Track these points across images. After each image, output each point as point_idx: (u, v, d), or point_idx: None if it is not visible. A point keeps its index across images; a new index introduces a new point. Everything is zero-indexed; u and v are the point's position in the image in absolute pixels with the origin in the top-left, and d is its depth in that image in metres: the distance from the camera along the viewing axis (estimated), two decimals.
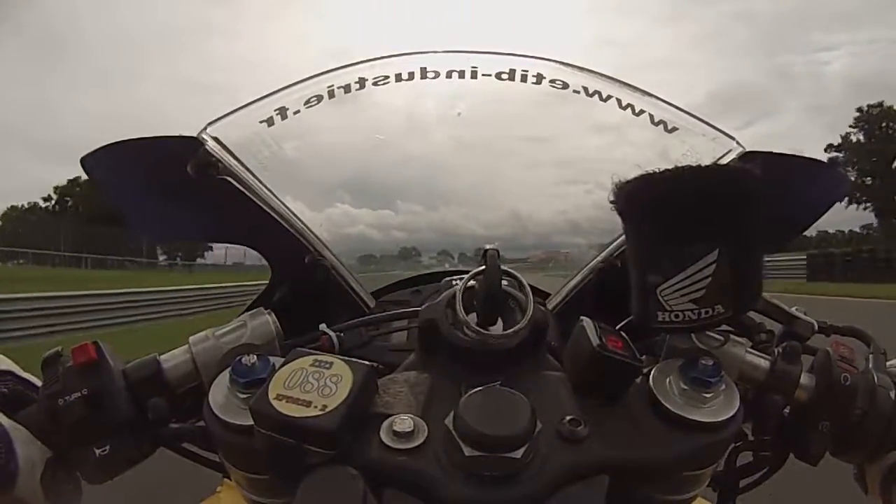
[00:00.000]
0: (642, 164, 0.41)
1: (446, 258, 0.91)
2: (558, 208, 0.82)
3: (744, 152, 0.60)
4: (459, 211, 0.85)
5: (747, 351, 0.47)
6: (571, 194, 0.80)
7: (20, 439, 0.41)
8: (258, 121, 0.61)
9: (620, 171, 0.41)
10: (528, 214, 0.83)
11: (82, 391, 0.42)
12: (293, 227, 0.62)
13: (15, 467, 0.40)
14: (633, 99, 0.63)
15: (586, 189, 0.76)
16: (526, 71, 0.64)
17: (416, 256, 0.91)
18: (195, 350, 0.47)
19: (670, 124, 0.63)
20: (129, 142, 0.56)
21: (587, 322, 0.42)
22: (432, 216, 0.85)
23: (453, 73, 0.64)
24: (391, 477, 0.35)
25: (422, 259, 0.91)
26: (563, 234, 0.84)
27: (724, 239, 0.38)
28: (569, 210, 0.81)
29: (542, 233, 0.85)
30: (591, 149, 0.77)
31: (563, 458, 0.36)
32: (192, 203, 0.61)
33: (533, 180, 0.81)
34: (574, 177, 0.79)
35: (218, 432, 0.39)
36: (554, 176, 0.81)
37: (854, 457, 0.48)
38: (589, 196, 0.75)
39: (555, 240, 0.86)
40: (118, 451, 0.43)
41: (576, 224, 0.81)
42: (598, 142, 0.74)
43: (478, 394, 0.36)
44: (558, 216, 0.82)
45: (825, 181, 0.61)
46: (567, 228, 0.82)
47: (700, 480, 0.41)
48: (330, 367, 0.37)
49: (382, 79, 0.63)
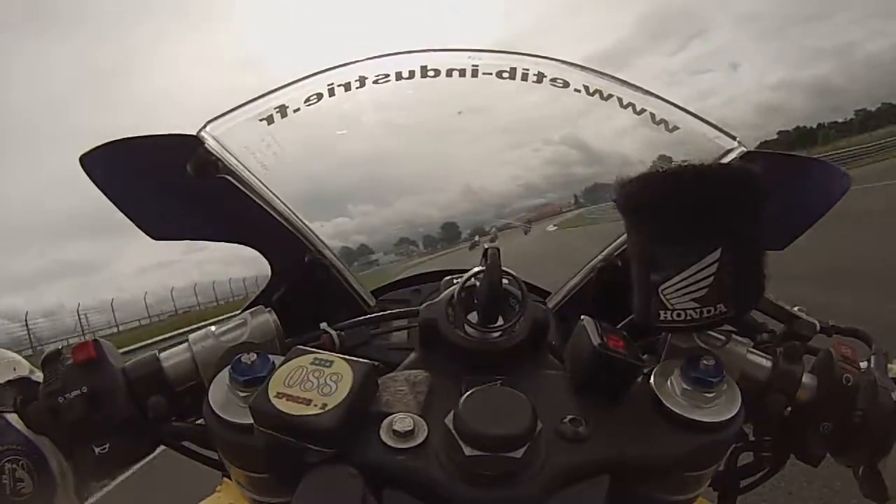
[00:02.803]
0: (643, 163, 0.41)
1: (406, 246, 0.92)
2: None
3: (745, 152, 0.60)
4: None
5: (749, 350, 0.47)
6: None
7: (49, 453, 0.42)
8: (258, 119, 0.60)
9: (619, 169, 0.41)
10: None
11: (82, 389, 0.43)
12: (293, 226, 0.62)
13: (53, 483, 0.41)
14: (634, 98, 0.63)
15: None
16: (527, 70, 0.64)
17: (368, 254, 0.91)
18: (195, 348, 0.47)
19: (671, 123, 0.63)
20: (128, 140, 0.56)
21: (588, 321, 0.42)
22: (386, 212, 0.86)
23: (454, 72, 0.64)
24: (391, 476, 0.35)
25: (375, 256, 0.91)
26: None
27: (726, 238, 0.38)
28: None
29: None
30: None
31: (563, 458, 0.36)
32: (191, 202, 0.60)
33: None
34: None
35: (218, 431, 0.39)
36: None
37: (855, 458, 0.48)
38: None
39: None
40: (118, 449, 0.43)
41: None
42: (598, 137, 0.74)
43: (478, 393, 0.36)
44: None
45: (826, 180, 0.61)
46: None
47: (701, 481, 0.41)
48: (330, 366, 0.37)
49: (383, 77, 0.63)
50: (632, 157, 0.70)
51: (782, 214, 0.58)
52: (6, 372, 0.45)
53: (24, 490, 0.40)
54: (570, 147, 0.82)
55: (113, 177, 0.58)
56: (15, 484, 0.40)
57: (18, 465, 0.40)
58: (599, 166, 0.83)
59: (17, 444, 0.41)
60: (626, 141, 0.71)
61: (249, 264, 0.67)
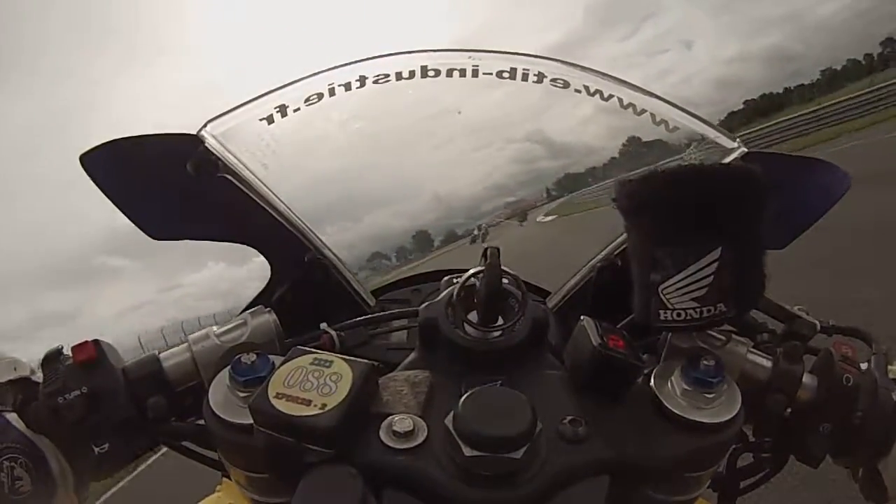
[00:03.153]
0: (643, 163, 0.41)
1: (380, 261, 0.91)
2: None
3: (746, 152, 0.60)
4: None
5: (749, 350, 0.47)
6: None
7: (49, 453, 0.42)
8: (258, 118, 0.60)
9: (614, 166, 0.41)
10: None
11: (82, 389, 0.43)
12: (293, 226, 0.62)
13: (52, 483, 0.41)
14: (634, 98, 0.63)
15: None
16: (527, 70, 0.64)
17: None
18: (195, 348, 0.47)
19: (672, 124, 0.63)
20: (129, 139, 0.56)
21: (588, 321, 0.42)
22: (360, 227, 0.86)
23: (454, 72, 0.64)
24: (390, 476, 0.35)
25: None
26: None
27: (726, 238, 0.38)
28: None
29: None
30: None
31: (563, 459, 0.36)
32: (191, 201, 0.60)
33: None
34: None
35: (217, 431, 0.39)
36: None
37: (855, 459, 0.48)
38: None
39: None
40: (118, 449, 0.43)
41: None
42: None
43: (478, 393, 0.36)
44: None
45: (826, 180, 0.61)
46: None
47: (701, 481, 0.41)
48: (330, 366, 0.37)
49: (383, 77, 0.63)
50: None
51: (783, 214, 0.58)
52: (7, 372, 0.45)
53: (23, 488, 0.40)
54: (534, 143, 0.83)
55: (113, 176, 0.58)
56: (13, 482, 0.40)
57: (17, 463, 0.40)
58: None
59: (17, 442, 0.41)
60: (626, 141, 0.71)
61: (226, 297, 0.67)
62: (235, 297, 0.63)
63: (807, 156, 0.61)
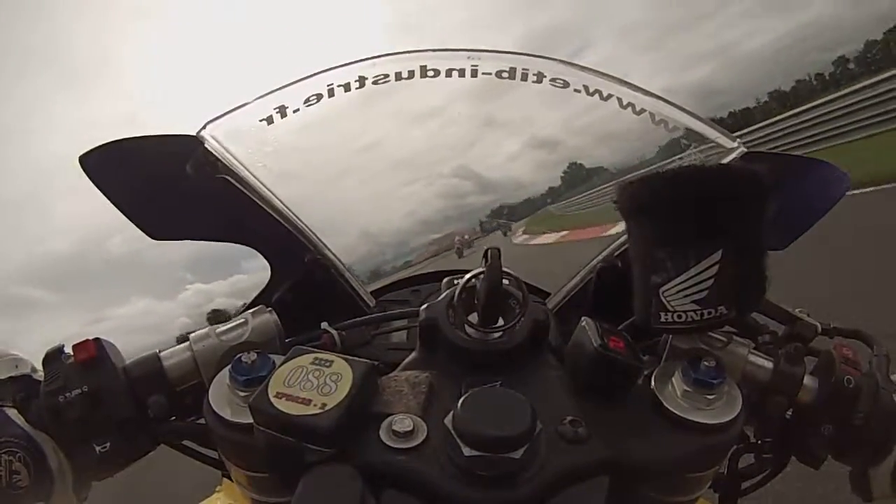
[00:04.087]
0: (643, 164, 0.41)
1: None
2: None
3: (745, 152, 0.60)
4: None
5: (750, 352, 0.47)
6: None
7: (48, 449, 0.42)
8: (258, 119, 0.61)
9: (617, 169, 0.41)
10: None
11: (83, 388, 0.43)
12: (293, 226, 0.62)
13: (51, 479, 0.41)
14: (633, 98, 0.63)
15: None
16: (526, 69, 0.64)
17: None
18: (196, 347, 0.47)
19: (671, 123, 0.63)
20: (128, 140, 0.56)
21: (589, 322, 0.42)
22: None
23: (453, 72, 0.64)
24: (390, 476, 0.35)
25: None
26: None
27: (727, 239, 0.38)
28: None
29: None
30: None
31: (563, 459, 0.36)
32: (191, 202, 0.60)
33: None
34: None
35: (218, 430, 0.39)
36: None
37: (856, 460, 0.48)
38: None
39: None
40: (118, 448, 0.43)
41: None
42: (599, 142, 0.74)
43: (478, 393, 0.36)
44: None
45: (826, 180, 0.61)
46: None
47: (701, 482, 0.41)
48: (330, 366, 0.37)
49: (383, 77, 0.63)
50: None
51: (783, 214, 0.58)
52: (8, 368, 0.45)
53: (21, 483, 0.40)
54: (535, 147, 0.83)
55: (112, 177, 0.58)
56: (11, 476, 0.40)
57: (15, 457, 0.40)
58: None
59: (16, 437, 0.41)
60: (626, 141, 0.71)
61: (161, 328, 0.67)
62: (164, 332, 0.62)
63: (807, 156, 0.61)
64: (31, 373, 0.46)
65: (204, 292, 0.80)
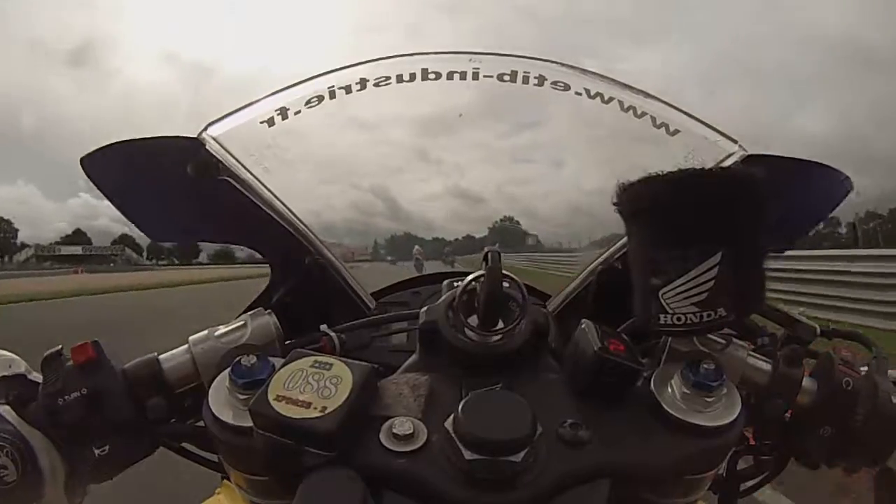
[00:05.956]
0: (644, 166, 0.41)
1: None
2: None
3: (746, 155, 0.60)
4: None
5: (749, 354, 0.47)
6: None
7: (40, 448, 0.42)
8: (259, 121, 0.60)
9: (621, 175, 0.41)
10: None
11: (82, 391, 0.42)
12: (293, 228, 0.62)
13: (40, 477, 0.41)
14: (635, 101, 0.63)
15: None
16: (528, 72, 0.64)
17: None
18: (195, 350, 0.47)
19: (672, 127, 0.63)
20: (129, 142, 0.56)
21: (588, 325, 0.42)
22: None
23: (454, 75, 0.64)
24: (390, 479, 0.35)
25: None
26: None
27: (726, 242, 0.38)
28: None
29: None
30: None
31: (563, 462, 0.36)
32: (192, 204, 0.60)
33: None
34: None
35: (217, 433, 0.39)
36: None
37: (855, 462, 0.48)
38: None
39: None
40: (117, 450, 0.43)
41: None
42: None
43: (478, 396, 0.36)
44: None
45: (827, 184, 0.61)
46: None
47: (701, 485, 0.41)
48: (330, 369, 0.37)
49: (384, 79, 0.63)
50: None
51: (783, 218, 0.58)
52: (1, 368, 0.45)
53: (8, 478, 0.40)
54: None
55: (113, 178, 0.58)
56: None
57: (4, 453, 0.40)
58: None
59: (6, 433, 0.41)
60: (626, 144, 0.71)
61: (33, 222, 0.64)
62: (36, 226, 0.61)
63: (808, 159, 0.61)
64: (26, 373, 0.46)
65: (92, 206, 0.77)
